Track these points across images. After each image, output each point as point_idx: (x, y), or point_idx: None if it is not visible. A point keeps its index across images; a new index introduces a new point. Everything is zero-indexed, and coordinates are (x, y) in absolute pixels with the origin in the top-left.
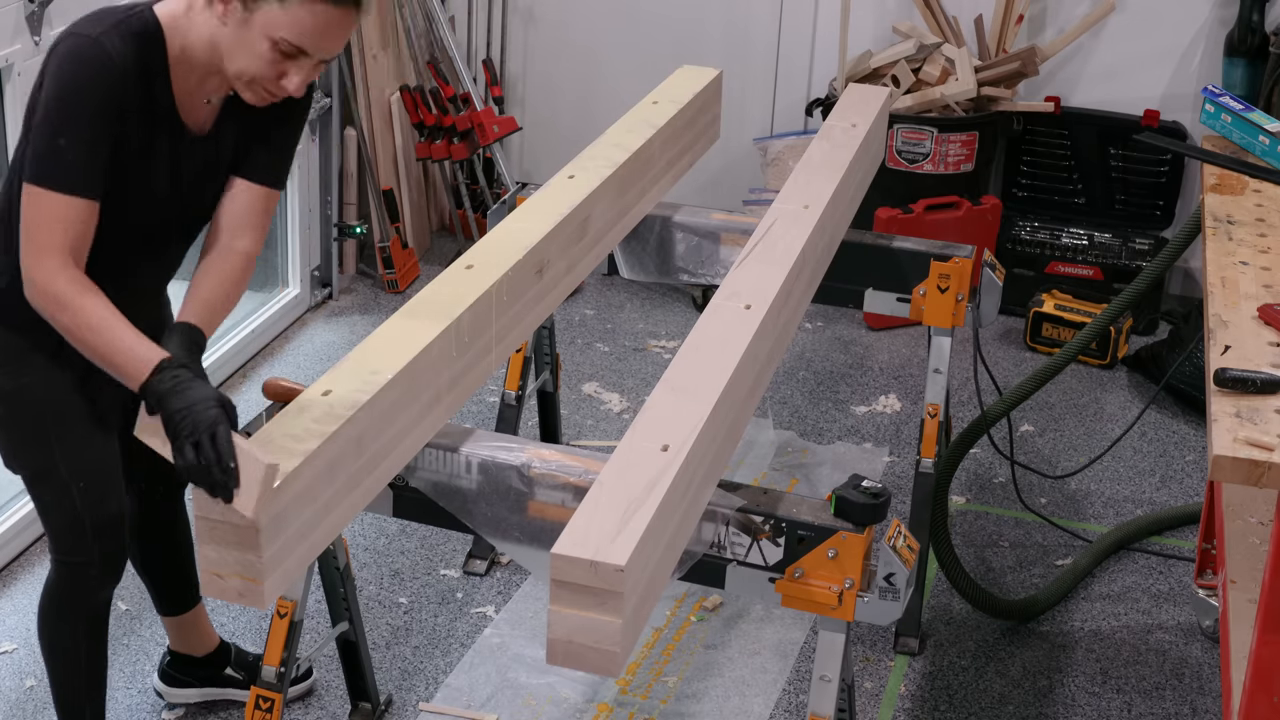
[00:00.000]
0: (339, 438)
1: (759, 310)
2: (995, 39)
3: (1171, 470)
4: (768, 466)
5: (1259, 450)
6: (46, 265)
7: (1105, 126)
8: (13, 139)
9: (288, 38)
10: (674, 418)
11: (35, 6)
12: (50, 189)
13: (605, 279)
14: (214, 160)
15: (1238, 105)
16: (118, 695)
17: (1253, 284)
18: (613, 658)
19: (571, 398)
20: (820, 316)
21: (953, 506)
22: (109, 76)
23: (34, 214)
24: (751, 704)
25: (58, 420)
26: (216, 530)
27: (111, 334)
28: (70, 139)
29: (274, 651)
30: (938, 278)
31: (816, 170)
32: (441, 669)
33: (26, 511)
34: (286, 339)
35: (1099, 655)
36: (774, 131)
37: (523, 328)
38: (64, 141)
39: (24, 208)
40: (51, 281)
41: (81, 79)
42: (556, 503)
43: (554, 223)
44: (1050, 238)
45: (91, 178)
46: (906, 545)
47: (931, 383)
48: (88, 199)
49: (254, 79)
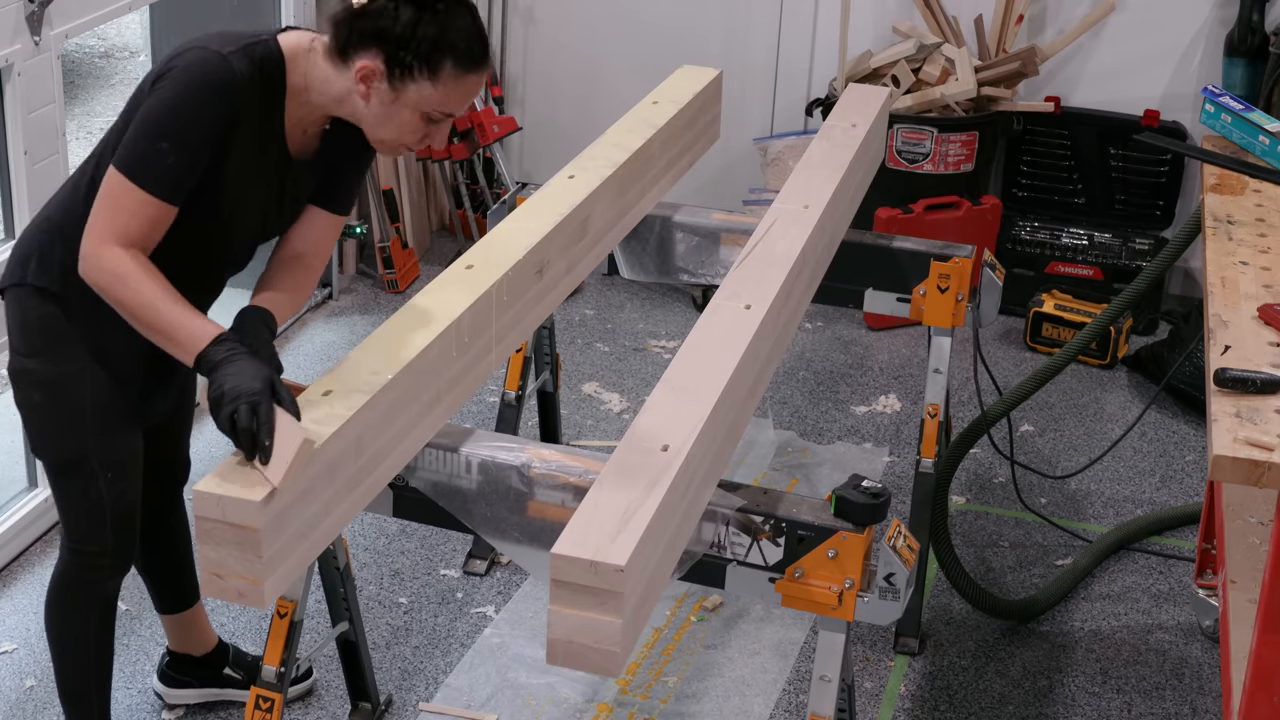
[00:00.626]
0: (339, 438)
1: (759, 310)
2: (995, 39)
3: (1171, 470)
4: (768, 466)
5: (1259, 450)
6: (110, 247)
7: (1105, 126)
8: (13, 139)
9: (438, 109)
10: (674, 418)
11: (35, 6)
12: (138, 184)
13: (605, 279)
14: (307, 189)
15: (1238, 105)
16: (118, 695)
17: (1253, 284)
18: (613, 658)
19: (571, 398)
20: (820, 316)
21: (953, 506)
22: (229, 95)
23: (114, 200)
24: (751, 704)
25: (94, 410)
26: (216, 530)
27: (170, 309)
28: (174, 145)
29: (274, 651)
30: (938, 278)
31: (816, 170)
32: (441, 669)
33: (26, 512)
34: (286, 339)
35: (1099, 655)
36: (774, 131)
37: (523, 328)
38: (167, 145)
39: (104, 191)
40: (114, 260)
41: (202, 93)
42: (556, 503)
43: (554, 223)
44: (1050, 238)
45: (180, 187)
46: (906, 545)
47: (931, 383)
48: (168, 205)
49: (399, 144)
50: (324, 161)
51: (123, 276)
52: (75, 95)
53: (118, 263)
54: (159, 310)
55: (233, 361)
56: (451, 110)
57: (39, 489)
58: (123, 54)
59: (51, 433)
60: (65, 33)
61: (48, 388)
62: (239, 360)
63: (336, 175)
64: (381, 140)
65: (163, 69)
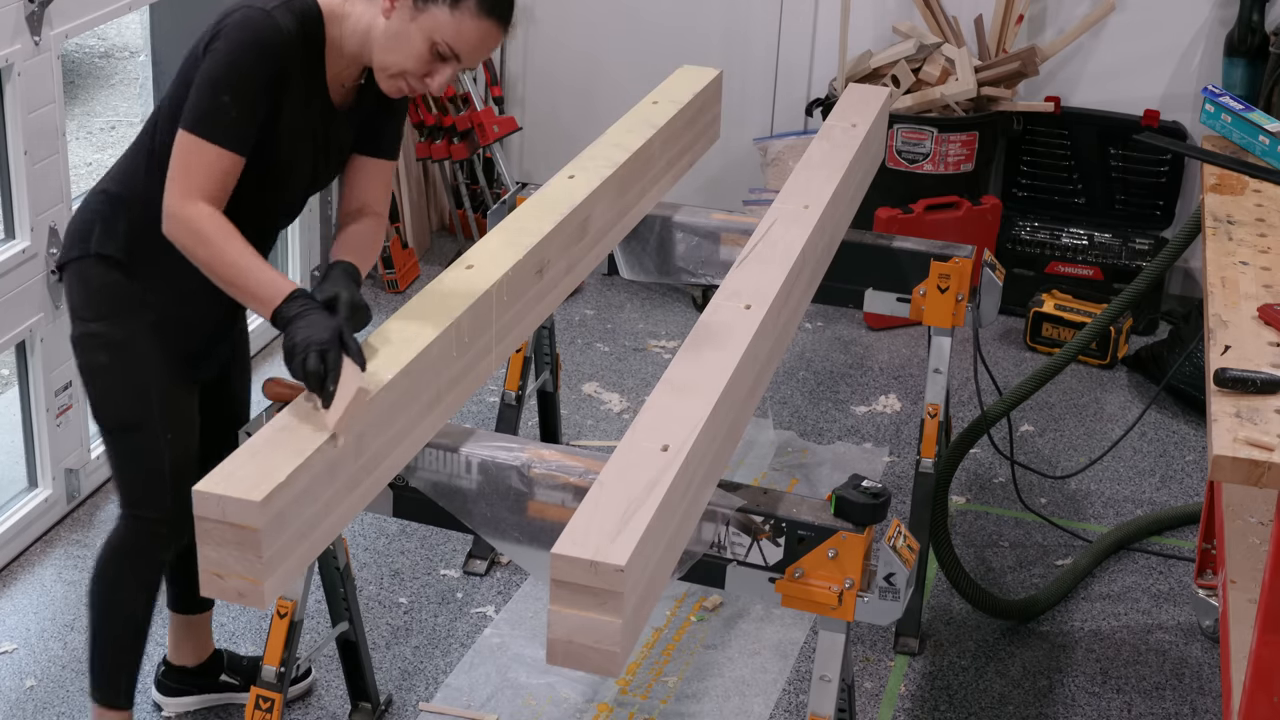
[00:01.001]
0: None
1: (759, 310)
2: (995, 39)
3: (1171, 470)
4: (768, 466)
5: (1259, 450)
6: (192, 204)
7: (1105, 126)
8: (13, 139)
9: (448, 42)
10: (674, 418)
11: (35, 6)
12: (207, 140)
13: (605, 279)
14: (348, 139)
15: (1238, 105)
16: None
17: (1253, 284)
18: (613, 658)
19: (571, 398)
20: (820, 316)
21: (953, 506)
22: (277, 49)
23: (187, 159)
24: (751, 704)
25: (158, 371)
26: (216, 530)
27: (249, 266)
28: (233, 98)
29: (274, 651)
30: (938, 278)
31: (816, 170)
32: (441, 669)
33: (26, 512)
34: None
35: (1099, 655)
36: (774, 131)
37: (523, 328)
38: (227, 99)
39: (177, 152)
40: (196, 218)
41: (253, 47)
42: (556, 503)
43: (554, 223)
44: (1050, 238)
45: (245, 137)
46: (906, 545)
47: (931, 383)
48: (237, 155)
49: (402, 73)
50: (360, 112)
51: (204, 234)
52: (75, 95)
53: (200, 220)
54: (240, 267)
55: (306, 315)
56: (460, 52)
57: (39, 489)
58: (123, 54)
59: (118, 394)
60: (65, 33)
61: (114, 349)
62: (311, 314)
63: (376, 123)
64: (386, 65)
65: (213, 31)
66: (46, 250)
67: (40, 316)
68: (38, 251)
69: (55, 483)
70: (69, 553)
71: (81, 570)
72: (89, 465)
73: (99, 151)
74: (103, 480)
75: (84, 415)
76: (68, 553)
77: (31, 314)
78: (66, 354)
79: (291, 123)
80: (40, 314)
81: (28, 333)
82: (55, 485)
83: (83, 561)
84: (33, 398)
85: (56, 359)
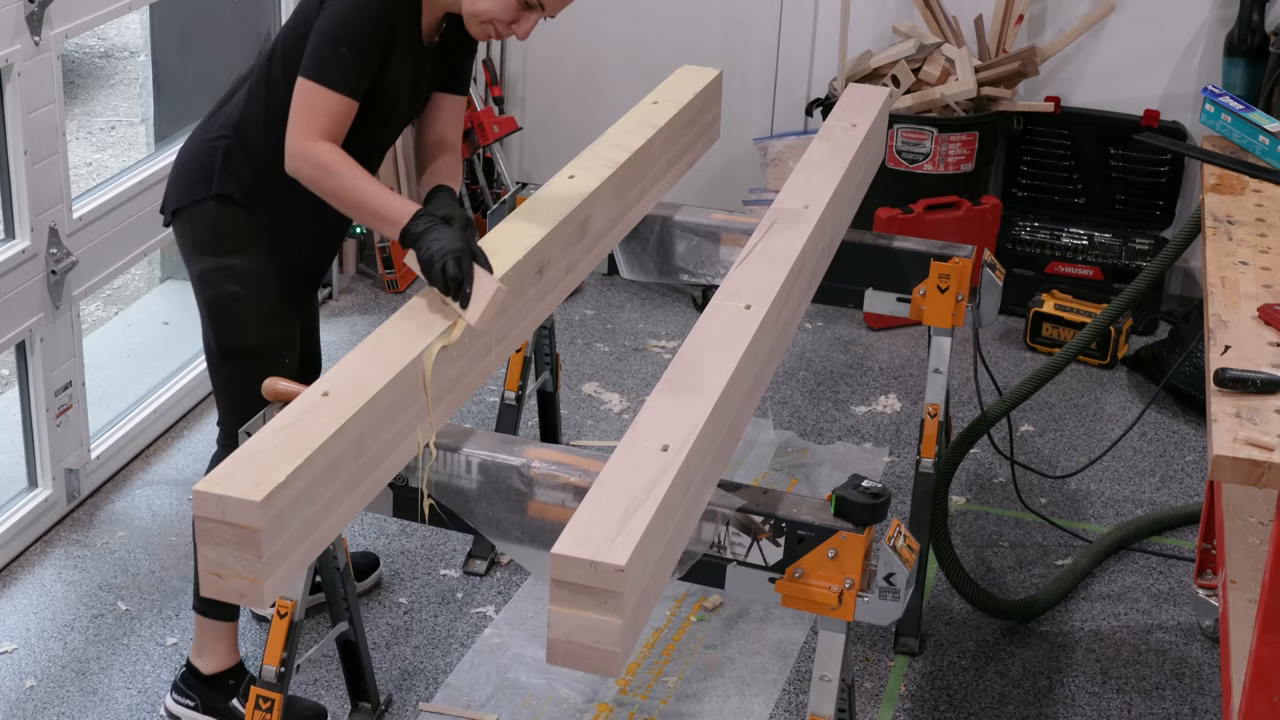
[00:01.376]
0: (339, 438)
1: (759, 310)
2: (995, 39)
3: (1171, 470)
4: (768, 466)
5: (1259, 450)
6: (315, 142)
7: (1105, 126)
8: (13, 139)
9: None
10: (674, 418)
11: (35, 6)
12: (326, 86)
13: (605, 279)
14: (434, 77)
15: (1238, 105)
16: (117, 695)
17: (1253, 284)
18: (613, 658)
19: (571, 398)
20: (820, 316)
21: (953, 506)
22: (387, 5)
23: (308, 104)
24: (751, 704)
25: (279, 296)
26: (216, 530)
27: (375, 193)
28: (350, 49)
29: (274, 651)
30: (938, 278)
31: (816, 170)
32: (441, 669)
33: (26, 512)
34: None
35: (1099, 655)
36: (774, 131)
37: (523, 328)
38: (345, 50)
39: (298, 98)
40: (320, 154)
41: (369, 4)
42: (556, 503)
43: (554, 223)
44: (1050, 238)
45: (360, 83)
46: (906, 545)
47: (931, 383)
48: (353, 100)
49: (491, 20)
50: (441, 50)
51: (329, 168)
52: (75, 95)
53: (324, 157)
54: (366, 194)
55: (433, 230)
56: (546, 3)
57: (39, 489)
58: (123, 54)
59: (249, 321)
60: (65, 33)
61: (244, 279)
62: (437, 229)
63: (453, 61)
64: (477, 13)
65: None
66: (46, 250)
67: (40, 316)
68: (38, 251)
69: (55, 483)
70: (69, 553)
71: (81, 570)
72: (89, 465)
73: (99, 151)
74: (103, 480)
75: (84, 415)
76: (68, 553)
77: (31, 314)
78: (66, 354)
79: (396, 68)
80: (40, 314)
81: (28, 333)
82: (55, 485)
83: (83, 561)
84: (33, 398)
85: (56, 359)
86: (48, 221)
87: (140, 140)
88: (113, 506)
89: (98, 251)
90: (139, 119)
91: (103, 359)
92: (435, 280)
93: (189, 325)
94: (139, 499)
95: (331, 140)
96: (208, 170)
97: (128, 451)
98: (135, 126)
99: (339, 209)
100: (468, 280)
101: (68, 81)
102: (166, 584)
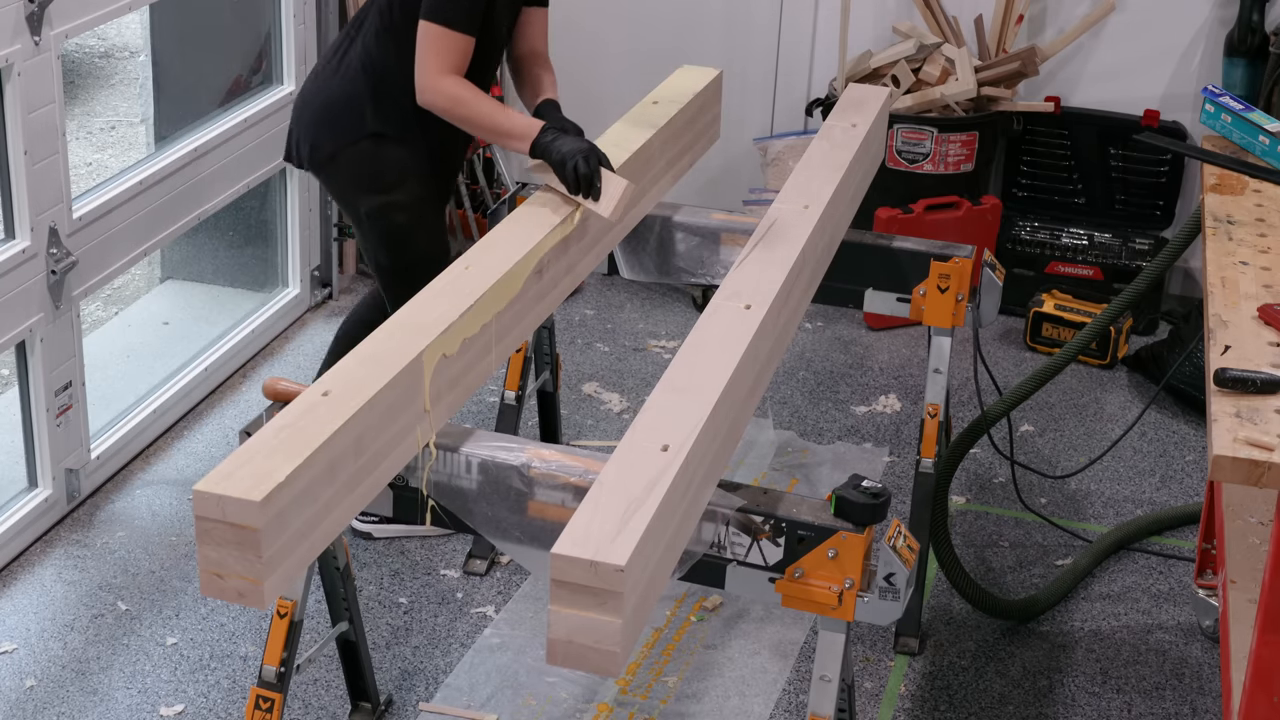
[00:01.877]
0: (339, 438)
1: (759, 310)
2: (995, 39)
3: (1171, 470)
4: (768, 466)
5: (1259, 450)
6: (443, 78)
7: (1105, 126)
8: (13, 139)
9: None
10: (674, 418)
11: (35, 7)
12: (447, 27)
13: (605, 279)
14: None
15: (1238, 105)
16: (117, 695)
17: (1253, 284)
18: (613, 658)
19: (571, 398)
20: (820, 316)
21: (953, 506)
22: None
23: (434, 44)
24: (751, 704)
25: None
26: (216, 530)
27: (503, 115)
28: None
29: (274, 651)
30: (938, 278)
31: (816, 170)
32: (441, 669)
33: (26, 512)
34: (286, 339)
35: (1099, 655)
36: (774, 131)
37: (523, 328)
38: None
39: (424, 40)
40: (450, 87)
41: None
42: (556, 503)
43: (554, 223)
44: (1050, 238)
45: (475, 20)
46: (906, 545)
47: (931, 383)
48: (471, 36)
49: None
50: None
51: (461, 98)
52: (75, 95)
53: (453, 89)
54: (496, 118)
55: (560, 138)
56: None
57: (39, 489)
58: (123, 54)
59: (415, 241)
60: (65, 33)
61: (408, 208)
62: (563, 137)
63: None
64: None
65: None
66: (46, 250)
67: (40, 316)
68: (38, 251)
69: (55, 483)
70: (69, 553)
71: (81, 570)
72: (89, 465)
73: (99, 151)
74: (103, 480)
75: (84, 415)
76: (68, 553)
77: (31, 314)
78: (66, 354)
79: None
80: (40, 314)
81: (28, 333)
82: (55, 485)
83: (83, 561)
84: (33, 398)
85: (56, 359)
86: (48, 221)
87: (140, 140)
88: (113, 506)
89: (98, 251)
90: (139, 119)
91: (103, 359)
92: (568, 179)
93: (189, 325)
94: (139, 499)
95: (456, 73)
96: (358, 113)
97: (128, 451)
98: (135, 126)
99: (471, 132)
100: (596, 176)
101: (68, 81)
102: (166, 584)
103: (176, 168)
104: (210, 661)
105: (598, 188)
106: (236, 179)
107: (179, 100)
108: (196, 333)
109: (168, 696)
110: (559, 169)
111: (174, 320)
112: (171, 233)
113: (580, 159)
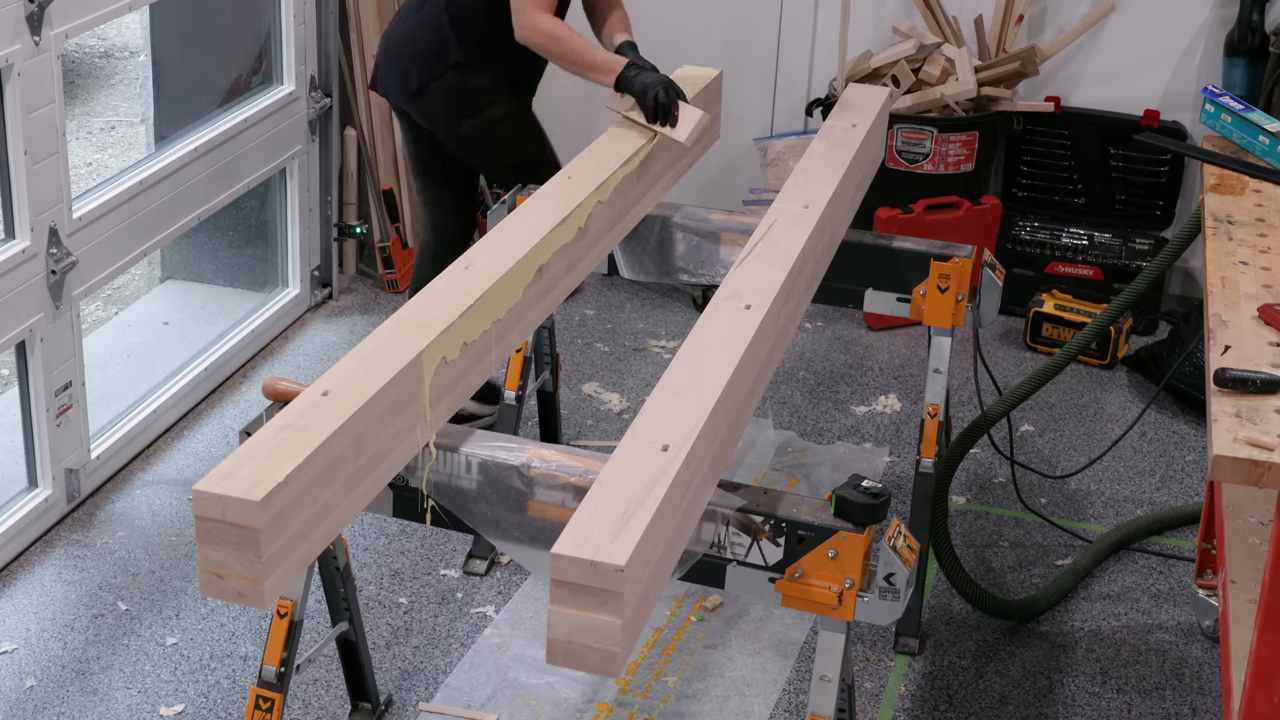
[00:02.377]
0: (339, 437)
1: (759, 310)
2: (995, 39)
3: (1171, 470)
4: (768, 466)
5: (1259, 450)
6: (539, 15)
7: (1105, 126)
8: (13, 139)
9: None
10: (674, 418)
11: (35, 7)
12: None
13: (605, 279)
14: None
15: (1238, 105)
16: (117, 695)
17: (1253, 284)
18: (613, 658)
19: (571, 398)
20: (820, 316)
21: (953, 506)
22: None
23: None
24: (751, 704)
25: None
26: (216, 530)
27: (590, 50)
28: None
29: (274, 651)
30: (938, 278)
31: (816, 170)
32: (441, 669)
33: (26, 512)
34: (286, 339)
35: (1099, 655)
36: (774, 131)
37: (523, 328)
38: None
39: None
40: (544, 24)
41: None
42: (556, 503)
43: (554, 223)
44: (1050, 238)
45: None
46: (906, 545)
47: (931, 383)
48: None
49: None
50: None
51: (553, 34)
52: (75, 95)
53: (548, 25)
54: (585, 53)
55: (641, 72)
56: None
57: (39, 489)
58: (123, 54)
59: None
60: (65, 33)
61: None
62: (644, 72)
63: None
64: None
65: None
66: (46, 250)
67: (40, 316)
68: (38, 251)
69: (55, 483)
70: (69, 553)
71: (81, 570)
72: (89, 465)
73: (99, 151)
74: (103, 480)
75: (84, 415)
76: (68, 553)
77: (31, 314)
78: (66, 354)
79: None
80: (40, 314)
81: (28, 333)
82: (55, 485)
83: (83, 561)
84: (33, 398)
85: (56, 359)
86: (48, 221)
87: (140, 140)
88: (113, 506)
89: (98, 251)
90: (139, 119)
91: (103, 359)
92: (649, 108)
93: (189, 325)
94: (139, 499)
95: (549, 11)
96: (440, 49)
97: (128, 451)
98: (135, 126)
99: (561, 66)
100: (674, 105)
101: (68, 81)
102: (166, 584)
103: (176, 168)
104: (210, 661)
105: (675, 116)
106: (236, 179)
107: (179, 100)
108: (196, 333)
109: (168, 696)
110: (640, 98)
111: (174, 320)
112: (171, 233)
113: (660, 89)
